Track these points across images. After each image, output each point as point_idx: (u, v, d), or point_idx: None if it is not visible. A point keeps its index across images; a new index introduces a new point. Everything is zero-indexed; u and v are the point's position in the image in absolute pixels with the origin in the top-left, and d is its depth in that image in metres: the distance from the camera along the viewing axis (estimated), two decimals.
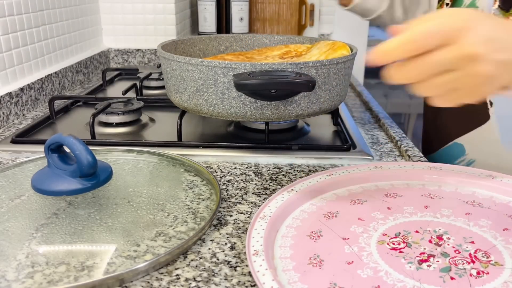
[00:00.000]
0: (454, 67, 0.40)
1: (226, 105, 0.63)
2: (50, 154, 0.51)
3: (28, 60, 0.91)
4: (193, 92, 0.64)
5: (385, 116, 0.86)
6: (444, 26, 0.39)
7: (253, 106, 0.62)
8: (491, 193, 0.53)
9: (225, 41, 0.90)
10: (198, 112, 0.66)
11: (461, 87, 0.41)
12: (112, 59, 1.34)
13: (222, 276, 0.41)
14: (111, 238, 0.45)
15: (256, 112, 0.63)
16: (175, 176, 0.59)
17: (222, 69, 0.60)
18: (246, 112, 0.63)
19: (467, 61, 0.39)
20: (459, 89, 0.41)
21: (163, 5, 1.29)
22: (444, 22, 0.40)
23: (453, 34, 0.39)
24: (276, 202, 0.49)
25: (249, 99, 0.62)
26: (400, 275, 0.39)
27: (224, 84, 0.61)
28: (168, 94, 0.71)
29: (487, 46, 0.39)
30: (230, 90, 0.61)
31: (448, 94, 0.42)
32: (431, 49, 0.39)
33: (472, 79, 0.40)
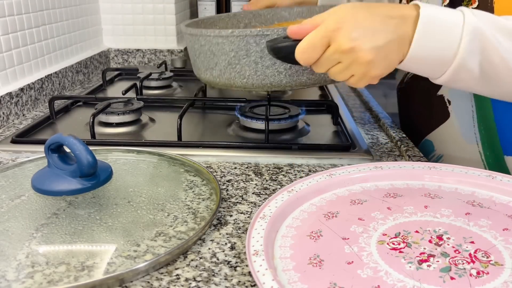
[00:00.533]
0: (340, 60, 0.50)
1: (260, 75, 0.60)
2: (50, 154, 0.51)
3: (28, 60, 0.91)
4: (224, 66, 0.62)
5: (385, 116, 0.86)
6: (321, 32, 0.49)
7: (288, 73, 0.60)
8: (491, 193, 0.53)
9: (244, 18, 0.87)
10: (231, 86, 0.64)
11: (355, 72, 0.51)
12: (112, 59, 1.34)
13: (222, 276, 0.41)
14: (111, 238, 0.45)
15: (292, 79, 0.61)
16: (175, 176, 0.59)
17: (254, 37, 0.58)
18: (282, 80, 0.60)
19: (347, 54, 0.49)
20: (355, 74, 0.51)
21: (163, 5, 1.29)
22: (322, 28, 0.49)
23: (330, 35, 0.49)
24: (276, 202, 0.49)
25: (284, 66, 0.59)
26: (400, 275, 0.39)
27: (257, 53, 0.59)
28: (197, 73, 0.69)
29: (357, 39, 0.48)
30: (263, 58, 0.59)
31: (351, 78, 0.52)
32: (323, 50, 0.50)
33: (358, 66, 0.49)
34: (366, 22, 0.48)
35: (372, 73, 0.50)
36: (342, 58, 0.49)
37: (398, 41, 0.49)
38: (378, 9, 0.50)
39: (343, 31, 0.48)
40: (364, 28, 0.48)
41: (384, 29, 0.48)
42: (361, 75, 0.51)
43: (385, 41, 0.48)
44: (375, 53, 0.48)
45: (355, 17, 0.49)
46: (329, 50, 0.50)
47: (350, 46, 0.48)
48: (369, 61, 0.49)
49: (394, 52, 0.49)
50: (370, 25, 0.48)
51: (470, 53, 0.49)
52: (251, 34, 0.58)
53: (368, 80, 0.51)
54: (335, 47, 0.49)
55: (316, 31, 0.50)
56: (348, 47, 0.48)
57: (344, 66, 0.50)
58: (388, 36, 0.48)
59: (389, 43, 0.49)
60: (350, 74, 0.51)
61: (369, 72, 0.50)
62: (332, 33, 0.49)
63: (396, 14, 0.49)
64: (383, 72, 0.51)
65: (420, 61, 0.50)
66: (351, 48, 0.48)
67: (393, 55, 0.50)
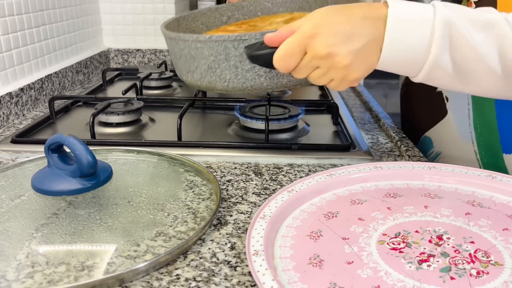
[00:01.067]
0: (318, 65, 0.50)
1: (241, 78, 0.60)
2: (50, 154, 0.51)
3: (28, 60, 0.91)
4: (205, 69, 0.62)
5: (385, 116, 0.86)
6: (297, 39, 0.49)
7: (268, 76, 0.60)
8: (491, 193, 0.53)
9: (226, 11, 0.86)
10: (212, 90, 0.64)
11: (334, 77, 0.51)
12: (112, 59, 1.34)
13: (222, 276, 0.41)
14: (111, 238, 0.45)
15: (272, 82, 0.60)
16: (175, 176, 0.59)
17: (232, 42, 0.58)
18: (262, 83, 0.60)
19: (324, 60, 0.49)
20: (334, 78, 0.51)
21: (163, 5, 1.29)
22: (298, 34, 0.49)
23: (306, 42, 0.49)
24: (276, 202, 0.49)
25: (264, 70, 0.59)
26: (400, 275, 0.39)
27: (236, 58, 0.59)
28: (179, 75, 0.69)
29: (334, 45, 0.48)
30: (243, 63, 0.59)
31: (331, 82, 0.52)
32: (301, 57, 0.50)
33: (337, 71, 0.50)
34: (342, 27, 0.48)
35: (351, 76, 0.50)
36: (320, 63, 0.50)
37: (373, 43, 0.48)
38: (354, 10, 0.49)
39: (319, 37, 0.48)
40: (340, 33, 0.48)
41: (359, 32, 0.48)
42: (340, 79, 0.51)
43: (361, 44, 0.48)
44: (352, 57, 0.48)
45: (330, 22, 0.49)
46: (307, 57, 0.50)
47: (327, 52, 0.48)
48: (347, 65, 0.49)
49: (371, 53, 0.49)
50: (346, 29, 0.48)
51: (442, 49, 0.48)
52: (228, 39, 0.58)
53: (348, 83, 0.51)
54: (312, 53, 0.49)
55: (293, 38, 0.49)
56: (325, 53, 0.48)
57: (323, 71, 0.50)
58: (364, 39, 0.48)
59: (366, 45, 0.48)
60: (329, 78, 0.51)
61: (348, 75, 0.50)
62: (308, 39, 0.49)
63: (371, 14, 0.49)
64: (362, 75, 0.50)
65: (394, 62, 0.49)
66: (328, 54, 0.48)
67: (371, 57, 0.49)
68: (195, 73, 0.64)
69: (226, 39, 0.58)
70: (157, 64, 1.26)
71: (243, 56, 0.58)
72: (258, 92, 0.63)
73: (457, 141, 0.73)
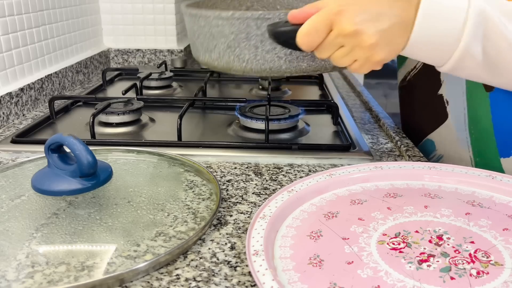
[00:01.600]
0: (343, 44, 0.49)
1: (260, 59, 0.59)
2: (50, 154, 0.51)
3: (28, 60, 0.91)
4: (223, 48, 0.60)
5: (385, 116, 0.86)
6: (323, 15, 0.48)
7: (288, 59, 0.58)
8: (491, 193, 0.53)
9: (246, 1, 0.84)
10: (229, 70, 0.62)
11: (358, 57, 0.49)
12: (112, 59, 1.34)
13: (222, 276, 0.41)
14: (111, 238, 0.45)
15: (292, 65, 0.59)
16: (175, 176, 0.59)
17: (255, 20, 0.56)
18: (281, 65, 0.59)
19: (350, 38, 0.48)
20: (358, 58, 0.50)
21: (163, 5, 1.29)
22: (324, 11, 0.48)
23: (333, 18, 0.48)
24: (276, 202, 0.49)
25: (284, 51, 0.58)
26: (400, 275, 0.39)
27: (258, 37, 0.57)
28: (195, 55, 0.67)
29: (360, 22, 0.47)
30: (263, 43, 0.57)
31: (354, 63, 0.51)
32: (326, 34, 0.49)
33: (362, 50, 0.48)
34: (370, 5, 0.47)
35: (375, 57, 0.49)
36: (345, 42, 0.48)
37: (402, 25, 0.48)
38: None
39: (346, 14, 0.47)
40: (368, 11, 0.47)
41: (388, 12, 0.47)
42: (364, 60, 0.49)
43: (389, 24, 0.47)
44: (378, 37, 0.47)
45: (359, 1, 0.48)
46: (332, 34, 0.48)
47: (353, 29, 0.47)
48: (372, 44, 0.47)
49: (398, 36, 0.48)
50: (374, 8, 0.47)
51: (474, 38, 0.47)
52: (252, 17, 0.56)
53: (372, 65, 0.50)
54: (338, 30, 0.48)
55: (319, 15, 0.48)
56: (351, 30, 0.47)
57: (347, 50, 0.49)
58: (392, 20, 0.47)
59: (393, 26, 0.47)
60: (353, 59, 0.50)
61: (372, 56, 0.49)
62: (335, 16, 0.47)
63: None
64: (387, 57, 0.49)
65: (423, 47, 0.49)
66: (354, 31, 0.47)
67: (397, 40, 0.49)
68: (214, 52, 0.62)
69: (249, 17, 0.56)
70: (157, 64, 1.26)
71: (265, 35, 0.57)
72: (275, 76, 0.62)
73: (456, 145, 0.73)
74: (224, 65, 0.62)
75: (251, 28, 0.57)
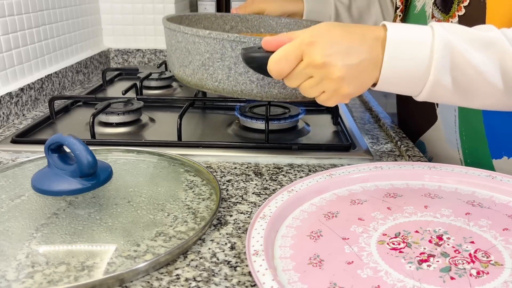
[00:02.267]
0: (312, 74, 0.49)
1: (232, 81, 0.60)
2: (50, 154, 0.51)
3: (28, 60, 0.91)
4: (198, 65, 0.62)
5: (385, 116, 0.86)
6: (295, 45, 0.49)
7: (260, 84, 0.59)
8: (491, 193, 0.53)
9: (230, 20, 0.86)
10: (202, 88, 0.63)
11: (326, 89, 0.50)
12: (112, 59, 1.34)
13: (222, 276, 0.41)
14: (111, 238, 0.45)
15: (263, 90, 0.60)
16: (175, 176, 0.59)
17: (230, 42, 0.58)
18: (253, 89, 0.60)
19: (319, 69, 0.48)
20: (325, 90, 0.50)
21: (163, 5, 1.29)
22: (297, 41, 0.49)
23: (304, 49, 0.48)
24: (276, 202, 0.49)
25: (257, 76, 0.59)
26: (400, 275, 0.39)
27: (232, 59, 0.59)
28: (171, 68, 0.69)
29: (330, 55, 0.48)
30: (237, 65, 0.59)
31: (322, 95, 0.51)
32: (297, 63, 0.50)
33: (329, 83, 0.49)
34: (341, 40, 0.49)
35: (343, 90, 0.49)
36: (314, 72, 0.49)
37: (371, 62, 0.49)
38: (354, 28, 0.50)
39: (318, 46, 0.48)
40: (339, 45, 0.48)
41: (358, 48, 0.48)
42: (332, 92, 0.50)
43: (358, 60, 0.48)
44: (347, 70, 0.48)
45: (331, 34, 0.49)
46: (302, 64, 0.49)
47: (323, 61, 0.48)
48: (340, 77, 0.48)
49: (367, 72, 0.49)
50: (345, 43, 0.48)
51: (443, 70, 0.48)
52: (228, 39, 0.58)
53: (339, 98, 0.51)
54: (308, 61, 0.49)
55: (291, 44, 0.49)
56: (321, 62, 0.48)
57: (315, 81, 0.50)
58: (362, 56, 0.48)
59: (362, 62, 0.48)
60: (321, 90, 0.50)
61: (340, 89, 0.49)
62: (306, 47, 0.48)
63: (370, 35, 0.49)
64: (354, 91, 0.50)
65: (394, 82, 0.50)
66: (324, 63, 0.48)
67: (366, 76, 0.49)
68: (188, 68, 0.63)
69: (225, 38, 0.58)
70: (157, 64, 1.26)
71: (239, 58, 0.58)
72: (247, 98, 0.63)
73: (445, 147, 0.74)
74: (197, 82, 0.63)
75: (226, 49, 0.59)
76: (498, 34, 0.48)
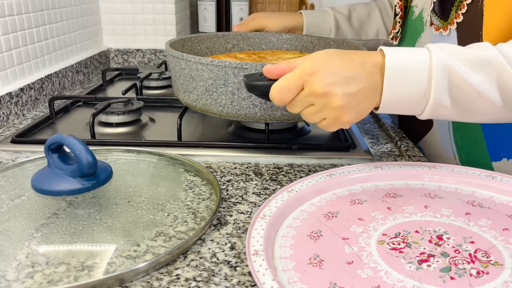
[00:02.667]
0: (313, 103, 0.51)
1: (236, 105, 0.62)
2: (50, 154, 0.51)
3: (28, 60, 0.91)
4: (202, 91, 0.64)
5: (385, 116, 0.86)
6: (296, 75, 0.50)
7: (263, 107, 0.62)
8: (491, 193, 0.53)
9: (232, 39, 0.89)
10: (206, 112, 0.66)
11: (327, 116, 0.51)
12: (112, 59, 1.34)
13: (222, 276, 0.41)
14: (111, 238, 0.45)
15: (266, 113, 0.62)
16: (175, 176, 0.59)
17: (232, 69, 0.60)
18: (256, 113, 0.62)
19: (320, 98, 0.50)
20: (326, 117, 0.52)
21: (163, 5, 1.29)
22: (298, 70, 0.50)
23: (305, 78, 0.50)
24: (276, 202, 0.49)
25: (259, 100, 0.61)
26: (400, 275, 0.39)
27: (234, 85, 0.61)
28: (176, 93, 0.71)
29: (331, 84, 0.49)
30: (240, 90, 0.61)
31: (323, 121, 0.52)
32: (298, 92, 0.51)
33: (331, 111, 0.50)
34: (341, 69, 0.50)
35: (343, 118, 0.51)
36: (315, 101, 0.50)
37: (370, 89, 0.50)
38: (353, 56, 0.51)
39: (318, 76, 0.49)
40: (339, 74, 0.49)
41: (357, 77, 0.49)
42: (332, 120, 0.51)
43: (358, 88, 0.49)
44: (347, 99, 0.49)
45: (330, 63, 0.50)
46: (303, 93, 0.50)
47: (324, 91, 0.49)
48: (341, 106, 0.49)
49: (367, 99, 0.50)
50: (345, 72, 0.49)
51: (442, 92, 0.49)
52: (230, 66, 0.60)
53: (340, 124, 0.52)
54: (309, 90, 0.50)
55: (292, 74, 0.51)
56: (322, 92, 0.49)
57: (316, 109, 0.51)
58: (361, 84, 0.49)
59: (362, 90, 0.50)
60: (322, 117, 0.52)
61: (341, 117, 0.51)
62: (307, 76, 0.50)
63: (369, 62, 0.50)
64: (355, 118, 0.51)
65: (395, 106, 0.51)
66: (324, 93, 0.49)
67: (366, 103, 0.51)
68: (192, 93, 0.65)
69: (227, 65, 0.60)
70: (157, 64, 1.26)
71: (241, 84, 0.60)
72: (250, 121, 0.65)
73: (442, 154, 0.75)
74: (202, 107, 0.66)
75: (228, 76, 0.60)
76: (494, 52, 0.49)
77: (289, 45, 0.89)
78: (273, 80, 0.52)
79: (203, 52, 0.85)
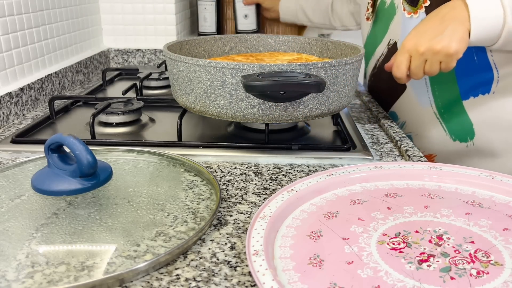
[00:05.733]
0: (425, 58, 0.70)
1: (234, 106, 0.62)
2: (50, 154, 0.51)
3: (28, 60, 0.91)
4: (200, 93, 0.64)
5: (385, 116, 0.86)
6: (402, 52, 0.72)
7: (261, 108, 0.62)
8: (491, 193, 0.53)
9: (230, 42, 0.89)
10: (205, 114, 0.66)
11: (438, 60, 0.70)
12: (112, 59, 1.34)
13: (222, 276, 0.41)
14: (111, 238, 0.45)
15: (264, 114, 0.62)
16: (175, 176, 0.59)
17: (230, 70, 0.60)
18: (254, 113, 0.62)
19: (431, 55, 0.69)
20: (442, 61, 0.70)
21: (163, 5, 1.29)
22: (401, 49, 0.72)
23: (408, 50, 0.71)
24: (276, 202, 0.49)
25: (257, 101, 0.61)
26: (400, 275, 0.39)
27: (232, 86, 0.61)
28: (174, 95, 0.71)
29: (428, 41, 0.69)
30: (238, 91, 0.61)
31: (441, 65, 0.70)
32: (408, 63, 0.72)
33: (436, 55, 0.69)
34: (425, 28, 0.70)
35: (450, 50, 0.67)
36: (427, 57, 0.69)
37: (460, 24, 0.68)
38: (431, 16, 0.71)
39: (414, 41, 0.70)
40: (425, 32, 0.69)
41: (448, 20, 0.69)
42: (444, 56, 0.68)
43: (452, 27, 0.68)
44: (441, 38, 0.68)
45: (418, 30, 0.71)
46: (413, 59, 0.70)
47: (421, 49, 0.69)
48: (442, 46, 0.68)
49: (460, 31, 0.68)
50: (429, 26, 0.70)
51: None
52: (227, 67, 0.60)
53: (452, 56, 0.68)
54: (415, 55, 0.70)
55: (396, 57, 0.72)
56: (421, 50, 0.69)
57: (430, 61, 0.69)
58: (453, 24, 0.69)
59: (455, 27, 0.68)
60: (437, 64, 0.70)
61: (448, 48, 0.67)
62: (407, 48, 0.70)
63: (452, 14, 0.68)
64: (460, 46, 0.68)
65: (480, 37, 0.68)
66: (419, 51, 0.69)
67: (460, 33, 0.68)
68: (191, 95, 0.65)
69: (224, 66, 0.60)
70: (157, 64, 1.26)
71: (239, 85, 0.60)
72: (249, 121, 0.65)
73: (417, 108, 0.88)
74: (200, 109, 0.66)
75: (226, 77, 0.61)
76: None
77: (287, 47, 0.90)
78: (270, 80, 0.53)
79: (201, 55, 0.86)
